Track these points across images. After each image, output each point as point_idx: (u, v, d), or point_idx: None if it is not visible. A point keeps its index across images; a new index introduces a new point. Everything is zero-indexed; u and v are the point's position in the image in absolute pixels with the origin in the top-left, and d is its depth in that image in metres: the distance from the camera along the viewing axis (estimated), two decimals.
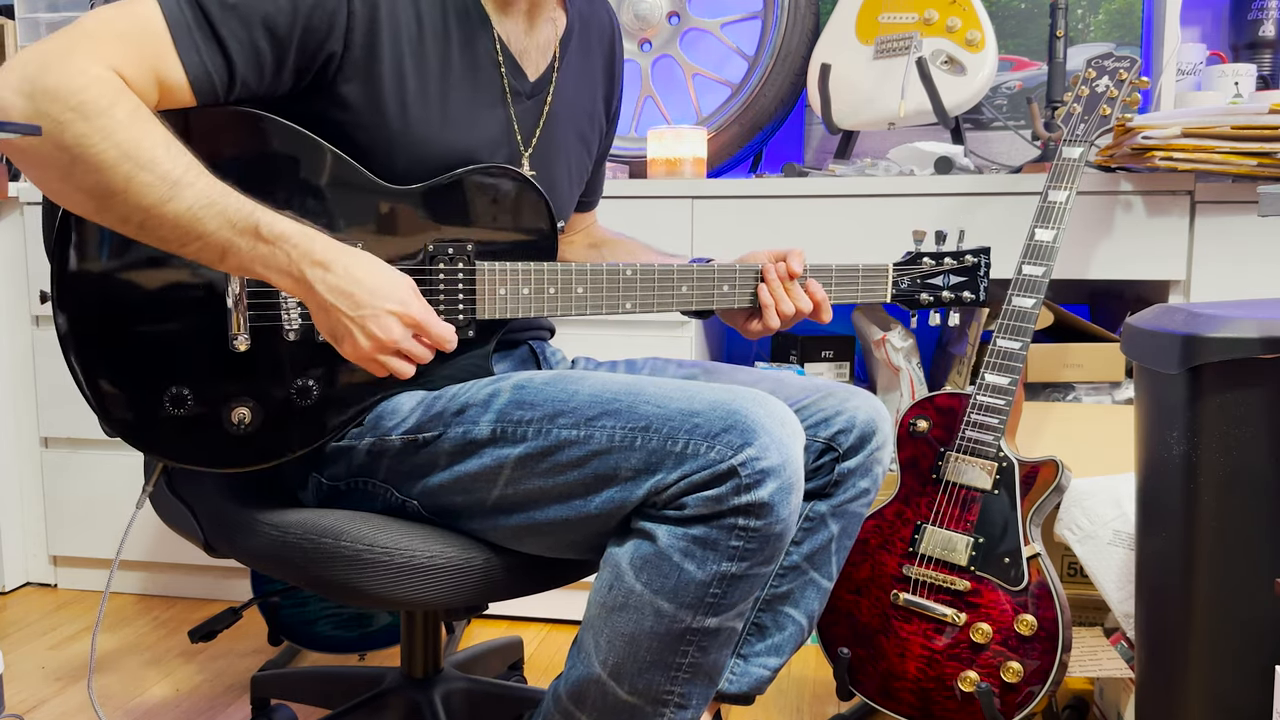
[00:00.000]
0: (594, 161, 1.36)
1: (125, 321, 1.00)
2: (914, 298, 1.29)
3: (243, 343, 1.01)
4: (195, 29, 0.94)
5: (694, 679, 0.99)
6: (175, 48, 0.93)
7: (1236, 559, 1.14)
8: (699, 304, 1.19)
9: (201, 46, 0.95)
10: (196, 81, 0.95)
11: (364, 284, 0.96)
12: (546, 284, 1.12)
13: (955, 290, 1.29)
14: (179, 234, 0.91)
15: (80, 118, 0.87)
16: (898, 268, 1.28)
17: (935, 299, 1.29)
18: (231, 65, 0.96)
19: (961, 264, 1.29)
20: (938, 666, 1.46)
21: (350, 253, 0.97)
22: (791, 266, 1.19)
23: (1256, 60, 2.02)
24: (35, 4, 2.15)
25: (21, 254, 2.13)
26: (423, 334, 1.00)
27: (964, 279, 1.29)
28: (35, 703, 1.69)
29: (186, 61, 0.94)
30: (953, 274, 1.29)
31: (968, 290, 1.29)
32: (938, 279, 1.28)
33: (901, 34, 1.92)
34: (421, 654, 1.36)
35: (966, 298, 1.29)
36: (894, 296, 1.28)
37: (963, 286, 1.29)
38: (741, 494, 0.92)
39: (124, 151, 0.88)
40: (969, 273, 1.29)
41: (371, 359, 0.98)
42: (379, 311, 0.96)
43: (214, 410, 1.02)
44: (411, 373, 1.00)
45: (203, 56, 0.95)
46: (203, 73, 0.95)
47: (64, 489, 2.16)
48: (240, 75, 0.97)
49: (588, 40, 1.27)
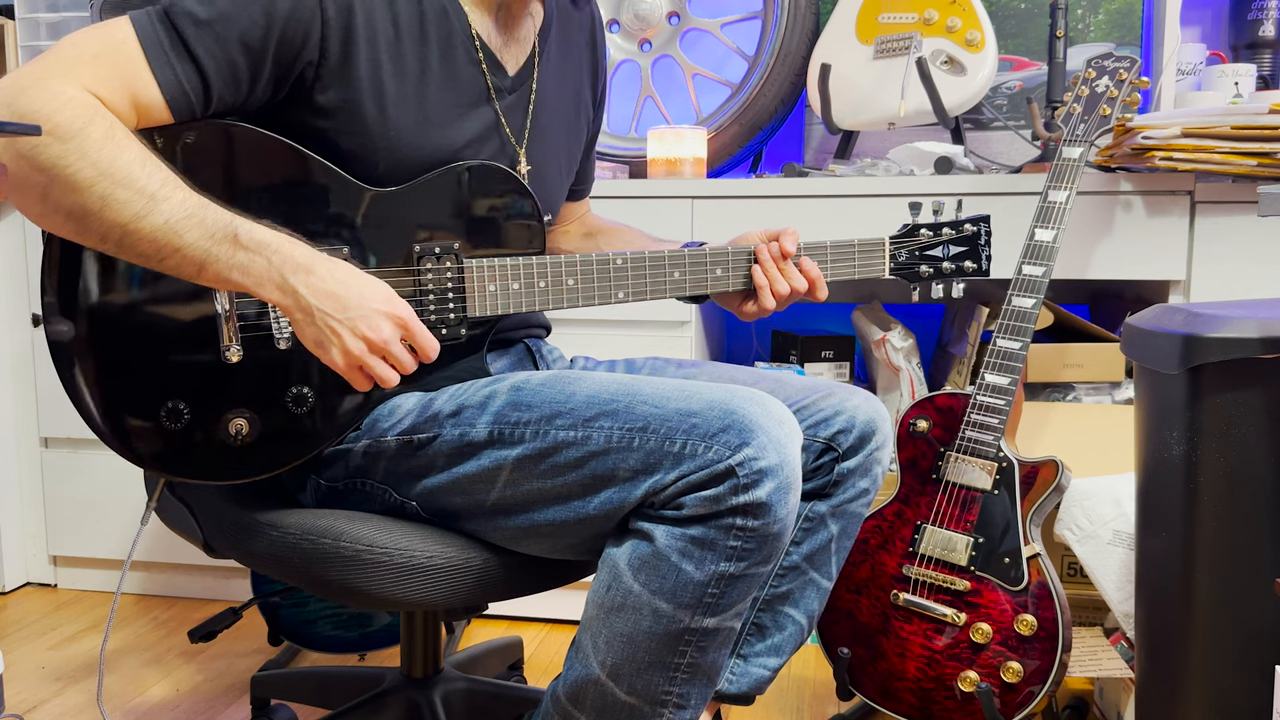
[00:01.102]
0: (583, 150, 1.36)
1: (118, 339, 0.99)
2: (914, 270, 1.26)
3: (235, 354, 1.01)
4: (169, 48, 0.95)
5: (692, 679, 0.99)
6: (150, 67, 0.94)
7: (1236, 559, 1.14)
8: (692, 289, 1.18)
9: (176, 64, 0.95)
10: (172, 100, 0.96)
11: (350, 285, 0.96)
12: (536, 278, 1.11)
13: (956, 260, 1.26)
14: (157, 248, 0.91)
15: (56, 140, 0.88)
16: (894, 241, 1.26)
17: (936, 270, 1.26)
18: (207, 81, 0.97)
19: (961, 233, 1.26)
20: (938, 666, 1.46)
21: (330, 259, 0.97)
22: (784, 245, 1.18)
23: (1256, 60, 2.02)
24: (35, 4, 2.15)
25: (21, 254, 2.13)
26: (410, 336, 0.99)
27: (964, 249, 1.26)
28: (35, 703, 1.69)
29: (161, 80, 0.95)
30: (952, 244, 1.26)
31: (969, 260, 1.26)
32: (937, 250, 1.25)
33: (901, 34, 1.91)
34: (421, 654, 1.36)
35: (968, 267, 1.26)
36: (892, 270, 1.25)
37: (964, 256, 1.26)
38: (739, 494, 0.92)
39: (100, 170, 0.89)
40: (969, 242, 1.26)
41: (359, 364, 0.97)
42: (368, 311, 0.96)
43: (211, 423, 1.02)
44: (396, 381, 0.99)
45: (178, 74, 0.96)
46: (179, 91, 0.96)
47: (64, 489, 2.16)
48: (216, 90, 0.98)
49: (567, 30, 1.27)
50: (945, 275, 1.27)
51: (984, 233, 1.27)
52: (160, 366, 1.00)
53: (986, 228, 1.27)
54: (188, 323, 1.01)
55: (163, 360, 1.00)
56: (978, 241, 1.27)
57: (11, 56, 2.19)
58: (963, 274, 1.27)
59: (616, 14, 2.22)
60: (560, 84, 1.25)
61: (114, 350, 0.99)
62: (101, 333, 0.99)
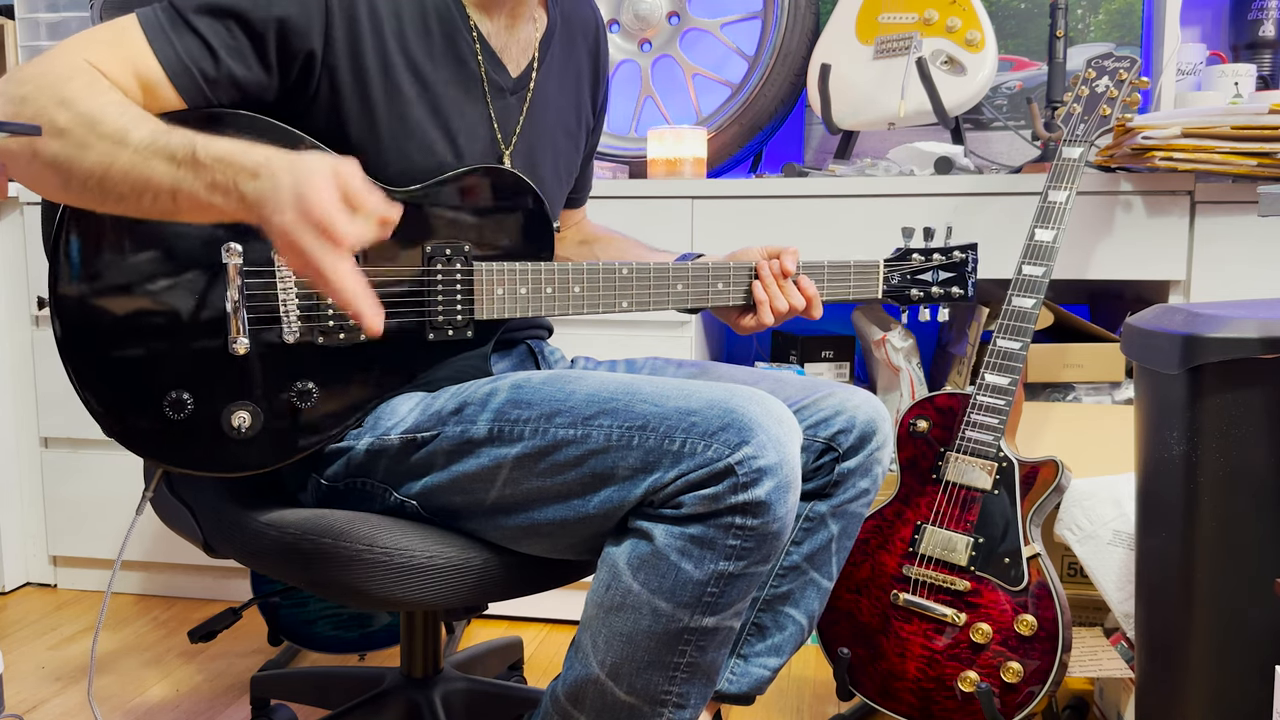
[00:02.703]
0: (582, 158, 1.36)
1: (123, 326, 0.99)
2: (905, 293, 1.30)
3: (242, 346, 1.01)
4: (169, 28, 0.98)
5: (692, 678, 0.99)
6: (149, 45, 0.97)
7: (1236, 559, 1.14)
8: (694, 302, 1.21)
9: (176, 41, 0.98)
10: (174, 75, 0.97)
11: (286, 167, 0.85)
12: (544, 284, 1.12)
13: (944, 286, 1.31)
14: (132, 185, 0.89)
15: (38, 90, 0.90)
16: (888, 264, 1.29)
17: (925, 294, 1.31)
18: (215, 55, 0.98)
19: (949, 259, 1.31)
20: (938, 667, 1.46)
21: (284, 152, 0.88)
22: (785, 264, 1.21)
23: (1256, 60, 2.02)
24: (35, 4, 2.15)
25: (21, 254, 2.13)
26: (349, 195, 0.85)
27: (952, 274, 1.31)
28: (35, 703, 1.69)
29: (160, 54, 0.97)
30: (941, 269, 1.30)
31: (956, 286, 1.31)
32: (927, 275, 1.30)
33: (901, 34, 1.92)
34: (421, 654, 1.36)
35: (955, 293, 1.31)
36: (885, 293, 1.30)
37: (951, 282, 1.31)
38: (738, 492, 0.92)
39: (75, 114, 0.90)
40: (957, 269, 1.31)
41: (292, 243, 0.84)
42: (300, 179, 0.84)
43: (214, 415, 1.02)
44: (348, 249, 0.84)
45: (178, 50, 0.97)
46: (180, 67, 0.97)
47: (64, 489, 2.16)
48: (226, 68, 0.99)
49: (571, 38, 1.27)
50: (934, 299, 1.31)
51: (971, 260, 1.32)
52: (165, 355, 1.00)
53: (974, 255, 1.32)
54: (195, 313, 1.01)
55: (168, 349, 1.00)
56: (965, 269, 1.31)
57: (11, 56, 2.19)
58: (949, 299, 1.31)
59: (616, 14, 2.22)
60: (561, 91, 1.26)
61: (119, 337, 0.99)
62: (107, 319, 0.99)
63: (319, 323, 1.04)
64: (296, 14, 1.01)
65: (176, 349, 1.00)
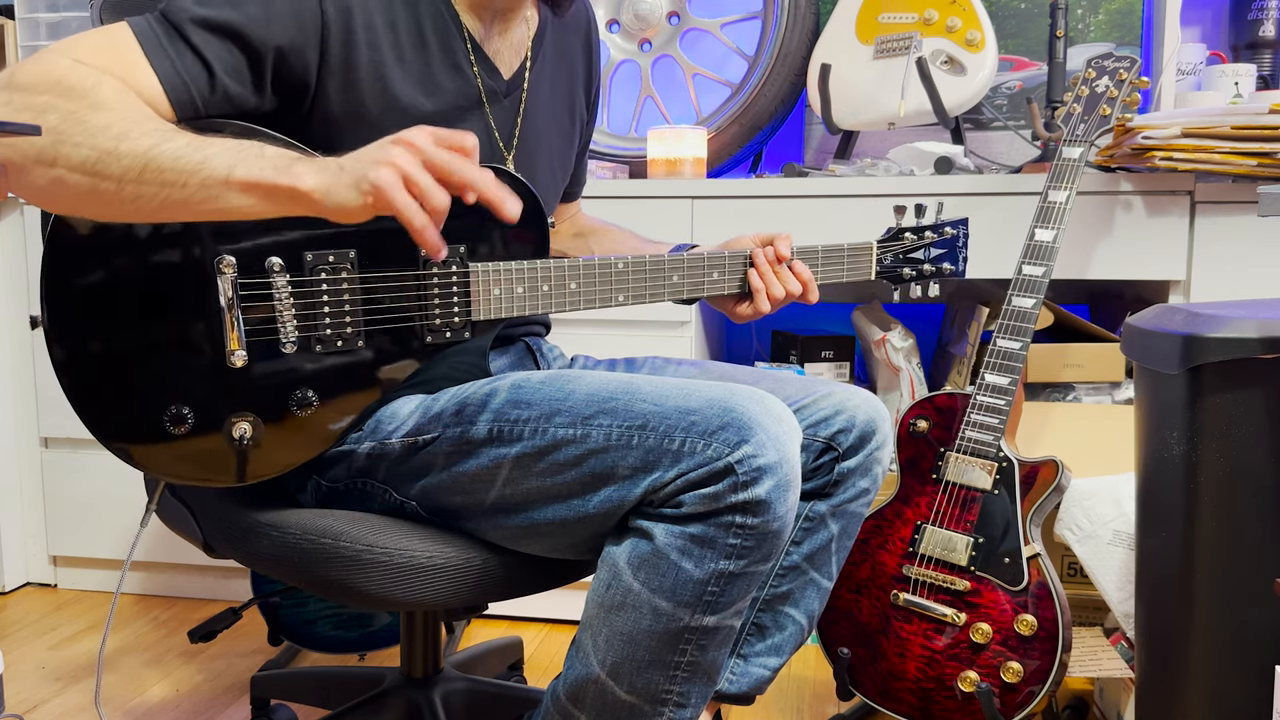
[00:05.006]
0: (576, 153, 1.36)
1: (121, 343, 0.98)
2: (897, 273, 1.31)
3: (240, 358, 1.01)
4: (166, 42, 0.96)
5: (692, 678, 0.99)
6: (147, 58, 0.95)
7: (1236, 559, 1.14)
8: (689, 292, 1.21)
9: (174, 56, 0.96)
10: (171, 89, 0.96)
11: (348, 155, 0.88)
12: (540, 281, 1.12)
13: (935, 262, 1.32)
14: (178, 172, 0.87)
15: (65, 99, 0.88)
16: (881, 244, 1.30)
17: (918, 273, 1.32)
18: (210, 70, 0.97)
19: (942, 235, 1.31)
20: (938, 666, 1.46)
21: None
22: (779, 250, 1.21)
23: (1256, 60, 2.02)
24: (35, 4, 2.15)
25: (21, 254, 2.13)
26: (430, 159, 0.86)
27: (944, 250, 1.32)
28: (35, 703, 1.69)
29: (159, 69, 0.95)
30: (933, 247, 1.31)
31: (947, 261, 1.32)
32: (919, 253, 1.31)
33: (901, 34, 1.92)
34: (421, 654, 1.36)
35: (946, 269, 1.32)
36: (878, 274, 1.30)
37: (942, 258, 1.32)
38: (738, 491, 0.92)
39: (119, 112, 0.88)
40: (949, 244, 1.32)
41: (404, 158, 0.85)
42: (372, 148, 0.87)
43: (215, 427, 1.01)
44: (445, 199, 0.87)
45: (175, 65, 0.96)
46: (177, 80, 0.96)
47: (64, 489, 2.16)
48: (221, 82, 0.98)
49: (563, 34, 1.27)
50: (925, 277, 1.32)
51: (962, 235, 1.32)
52: (163, 370, 0.99)
53: (965, 230, 1.32)
54: (191, 327, 1.00)
55: (166, 365, 0.99)
56: (956, 244, 1.32)
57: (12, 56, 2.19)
58: (940, 275, 1.32)
59: (616, 14, 2.22)
60: (554, 88, 1.26)
61: (115, 355, 0.98)
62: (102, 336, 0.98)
63: (316, 331, 1.03)
64: (295, 39, 1.00)
65: (175, 364, 1.00)
